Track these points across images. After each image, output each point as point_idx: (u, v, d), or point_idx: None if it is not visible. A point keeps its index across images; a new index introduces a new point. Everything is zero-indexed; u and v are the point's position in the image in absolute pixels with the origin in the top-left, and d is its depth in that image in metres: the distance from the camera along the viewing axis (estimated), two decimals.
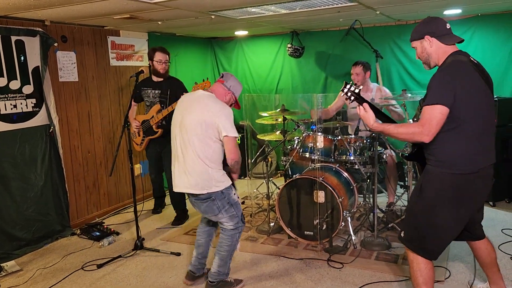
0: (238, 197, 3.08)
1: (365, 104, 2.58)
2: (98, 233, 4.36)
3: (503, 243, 3.75)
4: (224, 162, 2.99)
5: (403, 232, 2.57)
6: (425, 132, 2.23)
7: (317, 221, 3.79)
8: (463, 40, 2.46)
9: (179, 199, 4.65)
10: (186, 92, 4.23)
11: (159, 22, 4.66)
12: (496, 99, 4.57)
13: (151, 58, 4.42)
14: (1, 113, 3.90)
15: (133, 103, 4.55)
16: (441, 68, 2.40)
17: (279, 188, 4.23)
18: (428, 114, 2.24)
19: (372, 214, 3.93)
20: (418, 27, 2.49)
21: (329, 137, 4.13)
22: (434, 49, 2.43)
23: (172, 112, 4.30)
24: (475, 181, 2.33)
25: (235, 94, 3.14)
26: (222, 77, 3.13)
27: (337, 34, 5.95)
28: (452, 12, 4.90)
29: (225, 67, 6.97)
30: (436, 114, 2.22)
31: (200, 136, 2.86)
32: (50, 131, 4.30)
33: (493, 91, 2.50)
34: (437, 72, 2.36)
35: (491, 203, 4.70)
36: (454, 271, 3.30)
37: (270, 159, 4.42)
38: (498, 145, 4.40)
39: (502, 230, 4.05)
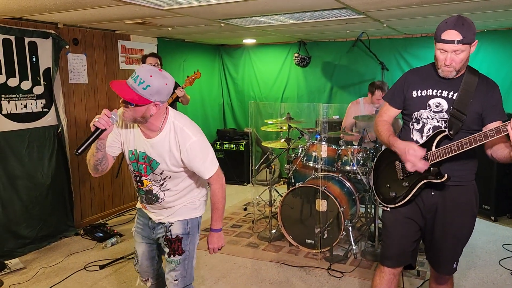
0: None
1: None
2: (101, 234, 4.40)
3: (504, 259, 3.77)
4: None
5: (456, 263, 2.37)
6: None
7: (319, 229, 3.82)
8: None
9: None
10: (179, 86, 4.28)
11: (169, 28, 4.73)
12: None
13: (143, 63, 4.49)
14: (12, 112, 3.97)
15: None
16: (492, 82, 2.27)
17: (281, 196, 4.26)
18: None
19: (373, 224, 3.95)
20: (470, 29, 2.04)
21: (333, 146, 4.18)
22: None
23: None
24: None
25: None
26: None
27: (344, 45, 6.01)
28: None
29: (232, 74, 7.04)
30: None
31: None
32: (58, 131, 4.37)
33: None
34: (496, 87, 2.26)
35: (492, 217, 4.71)
36: None
37: (273, 167, 4.47)
38: None
39: (503, 245, 4.07)
